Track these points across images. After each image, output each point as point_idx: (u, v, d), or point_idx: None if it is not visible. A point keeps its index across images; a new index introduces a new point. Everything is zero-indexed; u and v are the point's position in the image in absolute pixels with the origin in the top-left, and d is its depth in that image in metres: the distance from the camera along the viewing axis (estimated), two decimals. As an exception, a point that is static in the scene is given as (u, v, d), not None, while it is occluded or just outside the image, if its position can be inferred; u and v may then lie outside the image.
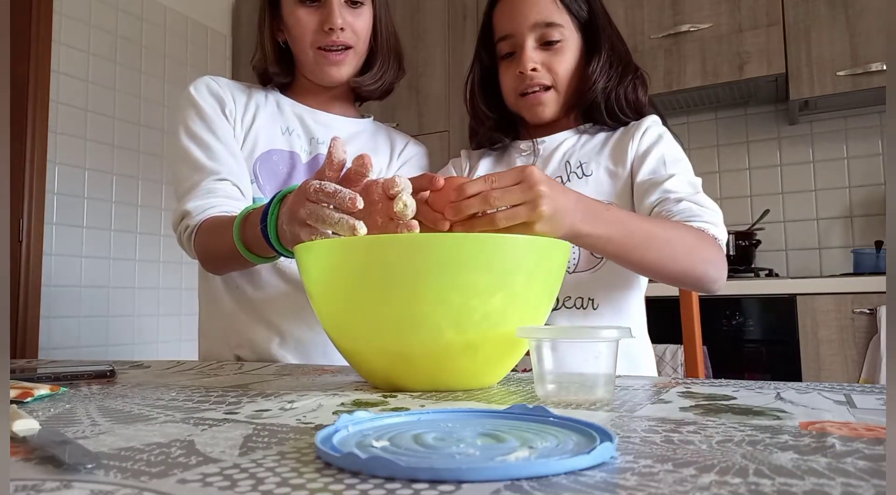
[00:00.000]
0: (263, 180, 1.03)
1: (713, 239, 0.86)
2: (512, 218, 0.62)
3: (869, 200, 2.34)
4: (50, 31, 2.38)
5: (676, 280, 0.84)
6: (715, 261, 0.84)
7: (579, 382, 0.51)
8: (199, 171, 0.98)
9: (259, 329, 1.02)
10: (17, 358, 1.94)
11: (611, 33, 1.02)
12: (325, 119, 1.11)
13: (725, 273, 0.86)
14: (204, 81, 1.06)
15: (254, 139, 1.05)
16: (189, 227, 0.95)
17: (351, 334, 0.60)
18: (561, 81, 1.00)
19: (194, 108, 1.03)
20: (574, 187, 1.00)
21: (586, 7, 1.00)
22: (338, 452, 0.31)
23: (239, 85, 1.10)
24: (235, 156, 1.01)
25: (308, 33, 1.02)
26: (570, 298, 0.97)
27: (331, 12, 1.01)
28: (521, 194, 0.62)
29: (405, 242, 0.56)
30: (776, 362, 1.93)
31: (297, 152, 1.06)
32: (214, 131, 1.01)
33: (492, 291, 0.55)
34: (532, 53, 0.98)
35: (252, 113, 1.07)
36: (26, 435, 0.38)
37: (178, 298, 2.82)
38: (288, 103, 1.11)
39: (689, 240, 0.81)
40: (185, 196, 0.97)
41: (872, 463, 0.31)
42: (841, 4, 2.08)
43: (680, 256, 0.80)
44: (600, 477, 0.29)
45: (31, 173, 2.30)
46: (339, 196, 0.61)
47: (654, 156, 0.96)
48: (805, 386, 0.57)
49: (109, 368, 0.70)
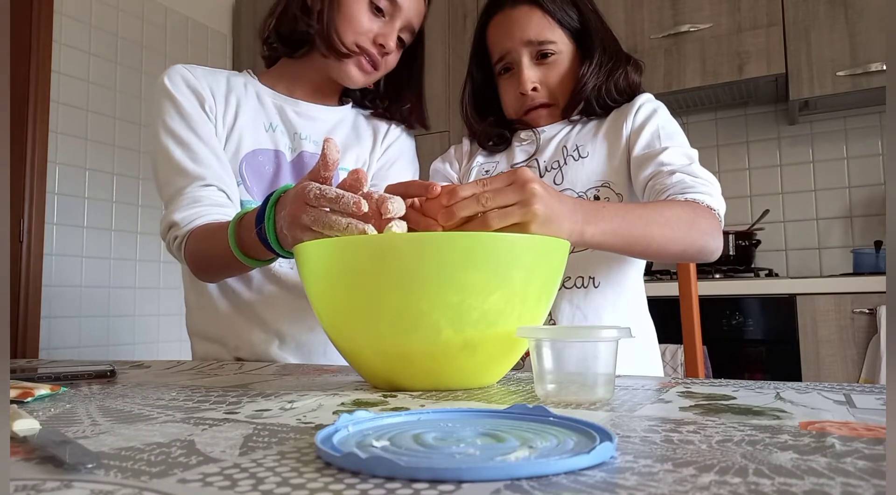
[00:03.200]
0: (251, 182, 1.02)
1: (707, 209, 0.86)
2: (504, 217, 0.61)
3: (869, 200, 2.34)
4: (50, 31, 2.38)
5: (678, 257, 0.86)
6: (712, 233, 0.85)
7: (579, 382, 0.51)
8: (183, 176, 0.96)
9: (257, 332, 1.01)
10: (18, 358, 1.94)
11: (602, 34, 1.03)
12: (305, 110, 1.09)
13: (722, 240, 0.88)
14: (179, 72, 1.03)
15: (238, 138, 1.02)
16: (178, 238, 0.93)
17: (350, 334, 0.60)
18: (558, 95, 1.02)
19: (171, 103, 1.00)
20: (571, 169, 1.01)
21: (576, 15, 1.01)
22: (338, 452, 0.31)
23: (215, 72, 1.07)
24: (219, 156, 0.99)
25: (362, 26, 1.00)
26: (570, 278, 0.98)
27: (391, 31, 1.01)
28: (514, 194, 0.61)
29: (403, 241, 0.56)
30: (776, 362, 1.93)
31: (281, 151, 1.05)
32: (195, 130, 0.99)
33: (489, 290, 0.55)
34: (529, 72, 1.00)
35: (234, 109, 1.04)
36: (27, 435, 0.38)
37: (179, 298, 2.80)
38: (267, 94, 1.09)
39: (685, 217, 0.82)
40: (171, 204, 0.95)
41: (872, 463, 0.31)
42: (841, 4, 2.08)
43: (679, 236, 0.81)
44: (600, 477, 0.29)
45: (31, 173, 2.30)
46: (342, 201, 0.61)
47: (648, 130, 0.97)
48: (805, 386, 0.57)
49: (110, 368, 0.70)
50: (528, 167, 1.05)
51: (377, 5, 1.00)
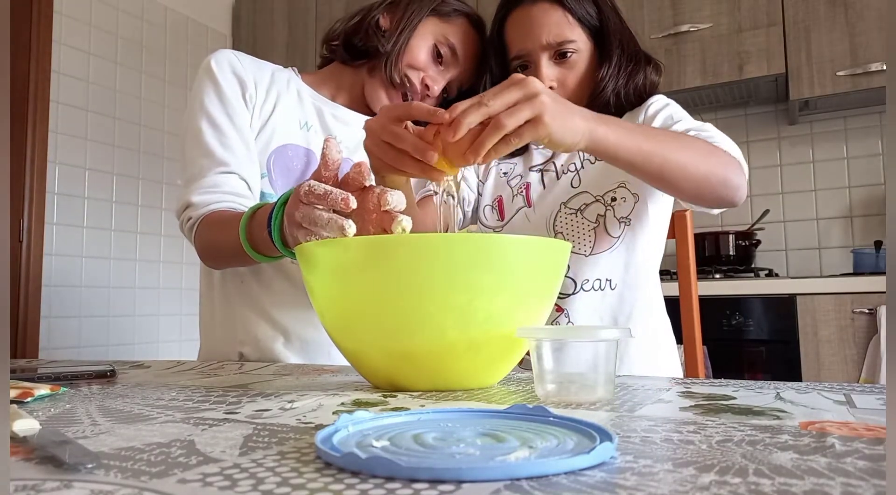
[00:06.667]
0: (276, 175, 1.02)
1: (726, 153, 0.83)
2: (513, 114, 0.60)
3: (869, 200, 2.34)
4: (50, 31, 2.38)
5: (700, 186, 0.79)
6: (734, 168, 0.81)
7: (579, 382, 0.51)
8: (209, 158, 0.96)
9: (264, 327, 1.01)
10: (18, 358, 1.94)
11: (621, 33, 1.01)
12: (343, 115, 1.10)
13: (745, 180, 0.83)
14: (227, 57, 1.03)
15: (270, 131, 1.03)
16: (192, 219, 0.94)
17: (354, 334, 0.60)
18: (576, 95, 1.00)
19: (213, 86, 1.00)
20: (587, 172, 1.01)
21: (595, 12, 0.99)
22: (338, 452, 0.31)
23: (261, 64, 1.08)
24: (248, 146, 1.00)
25: (419, 62, 1.03)
26: (587, 281, 0.98)
27: (442, 79, 1.04)
28: (517, 91, 0.60)
29: (410, 243, 0.56)
30: (776, 362, 1.93)
31: (312, 150, 1.05)
32: (231, 116, 0.99)
33: (496, 291, 0.55)
34: (547, 71, 0.98)
35: (273, 101, 1.04)
36: (26, 435, 0.38)
37: (179, 298, 2.82)
38: (308, 93, 1.09)
39: (704, 147, 0.80)
40: (191, 183, 0.96)
41: (872, 463, 0.31)
42: (841, 4, 2.08)
43: (699, 159, 0.77)
44: (600, 477, 0.29)
45: (31, 173, 2.30)
46: (330, 197, 0.61)
47: (660, 117, 0.96)
48: (805, 386, 0.57)
49: (110, 368, 0.70)
50: (545, 171, 1.05)
51: (440, 50, 1.04)
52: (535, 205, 1.04)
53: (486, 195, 1.09)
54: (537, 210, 1.03)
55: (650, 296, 1.01)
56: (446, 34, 1.04)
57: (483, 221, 1.09)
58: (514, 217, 1.05)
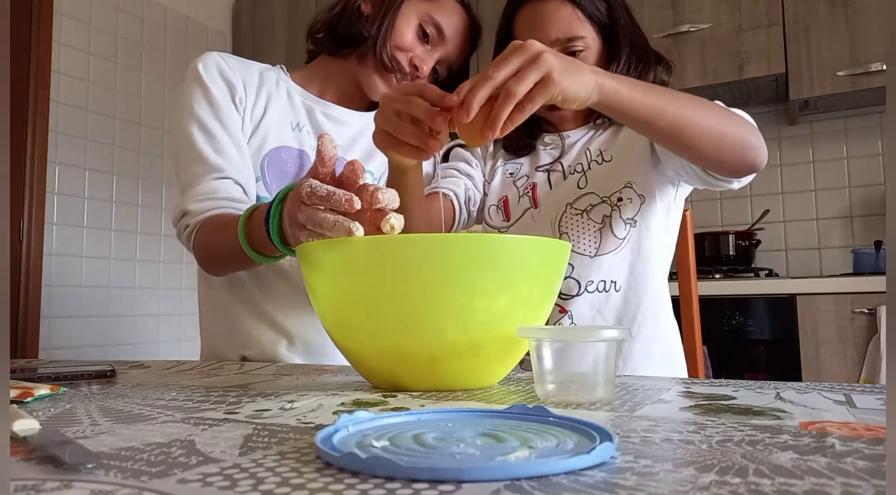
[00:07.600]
0: (271, 178, 1.02)
1: (740, 116, 0.81)
2: (521, 80, 0.59)
3: (869, 200, 2.34)
4: (50, 31, 2.38)
5: (718, 145, 0.76)
6: (751, 130, 0.79)
7: (579, 382, 0.51)
8: (203, 165, 0.96)
9: (266, 330, 1.01)
10: (18, 358, 1.94)
11: (631, 31, 1.00)
12: (334, 113, 1.09)
13: (763, 141, 0.80)
14: (213, 60, 1.02)
15: (263, 134, 1.02)
16: (189, 227, 0.94)
17: (354, 334, 0.60)
18: None
19: (202, 90, 1.00)
20: (595, 173, 1.00)
21: (605, 9, 0.98)
22: (338, 452, 0.31)
23: (249, 64, 1.07)
24: (241, 150, 0.99)
25: (405, 43, 1.02)
26: (592, 282, 0.97)
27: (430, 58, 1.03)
28: (519, 57, 0.60)
29: (411, 243, 0.56)
30: (776, 362, 1.93)
31: (306, 151, 1.05)
32: (222, 120, 0.99)
33: (496, 292, 0.55)
34: None
35: (263, 104, 1.04)
36: (26, 435, 0.38)
37: (179, 298, 2.82)
38: (298, 92, 1.09)
39: (719, 109, 0.78)
40: (187, 191, 0.96)
41: (872, 463, 0.31)
42: (841, 4, 2.08)
43: (716, 120, 0.75)
44: (600, 477, 0.29)
45: (31, 173, 2.30)
46: (334, 198, 0.60)
47: None
48: (805, 386, 0.57)
49: (110, 368, 0.70)
50: (552, 171, 1.05)
51: (425, 30, 1.03)
52: (541, 205, 1.03)
53: (492, 195, 1.08)
54: (543, 210, 1.03)
55: (656, 299, 0.99)
56: (430, 13, 1.03)
57: (488, 221, 1.08)
58: (521, 218, 1.04)
